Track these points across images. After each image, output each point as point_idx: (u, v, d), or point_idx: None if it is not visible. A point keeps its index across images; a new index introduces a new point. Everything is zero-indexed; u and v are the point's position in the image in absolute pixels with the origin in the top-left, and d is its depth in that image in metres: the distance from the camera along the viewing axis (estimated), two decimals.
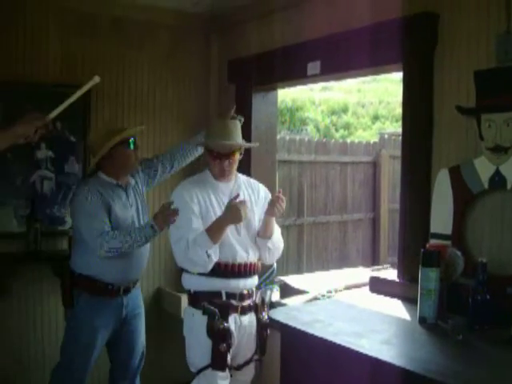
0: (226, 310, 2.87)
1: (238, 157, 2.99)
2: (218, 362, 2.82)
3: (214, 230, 2.82)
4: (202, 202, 2.92)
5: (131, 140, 3.24)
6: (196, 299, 2.91)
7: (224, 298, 2.90)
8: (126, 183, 3.26)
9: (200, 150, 3.45)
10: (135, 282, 3.33)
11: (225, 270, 2.89)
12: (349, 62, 3.26)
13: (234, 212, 2.81)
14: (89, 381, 3.48)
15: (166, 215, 2.93)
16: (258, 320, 3.02)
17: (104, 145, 3.13)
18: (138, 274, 3.33)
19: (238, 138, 2.99)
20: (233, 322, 2.90)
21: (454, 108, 2.64)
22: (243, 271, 2.95)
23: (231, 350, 2.88)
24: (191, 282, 2.94)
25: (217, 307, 2.84)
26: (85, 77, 3.86)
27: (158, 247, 4.33)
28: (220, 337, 2.81)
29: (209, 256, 2.80)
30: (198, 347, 2.87)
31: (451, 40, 2.73)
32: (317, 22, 3.47)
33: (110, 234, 3.02)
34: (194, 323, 2.89)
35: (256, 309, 3.02)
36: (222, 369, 2.85)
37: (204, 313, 2.85)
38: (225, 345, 2.82)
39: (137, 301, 3.38)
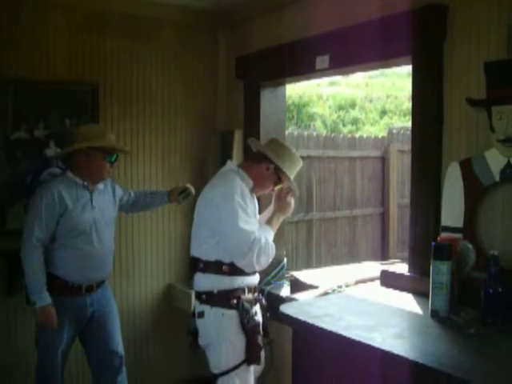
0: (252, 304, 2.94)
1: None
2: (255, 355, 2.88)
3: (275, 226, 3.01)
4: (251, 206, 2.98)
5: (114, 155, 3.29)
6: (223, 298, 2.89)
7: (246, 293, 2.94)
8: (93, 187, 3.29)
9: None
10: (99, 282, 3.34)
11: (238, 269, 2.91)
12: (358, 56, 3.24)
13: (286, 205, 3.08)
14: (73, 378, 3.57)
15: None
16: (260, 303, 3.07)
17: (81, 143, 3.17)
18: (101, 274, 3.34)
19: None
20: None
21: (464, 100, 2.63)
22: None
23: None
24: (213, 282, 2.91)
25: (247, 302, 2.90)
26: (93, 74, 3.92)
27: (168, 244, 4.35)
28: (256, 330, 2.88)
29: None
30: (229, 346, 2.87)
31: (460, 32, 2.71)
32: (325, 15, 3.46)
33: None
34: (223, 323, 2.88)
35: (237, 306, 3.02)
36: (259, 361, 2.91)
37: (239, 309, 2.87)
38: (259, 337, 2.89)
39: (104, 300, 3.39)
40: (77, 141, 3.20)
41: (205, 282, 2.94)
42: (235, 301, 2.89)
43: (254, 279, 3.01)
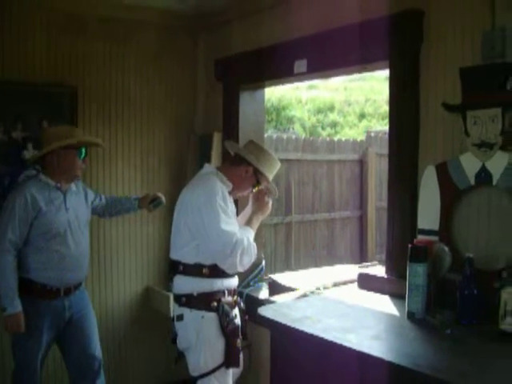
0: (232, 307, 2.95)
1: None
2: (235, 358, 2.88)
3: (255, 226, 3.03)
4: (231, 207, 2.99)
5: (83, 149, 3.25)
6: (203, 301, 2.89)
7: (226, 295, 2.94)
8: (67, 188, 3.26)
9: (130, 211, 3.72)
10: (76, 285, 3.31)
11: (218, 271, 2.91)
12: (335, 60, 3.27)
13: (264, 205, 3.08)
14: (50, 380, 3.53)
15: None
16: (239, 306, 3.07)
17: (52, 143, 3.13)
18: (78, 276, 3.31)
19: None
20: None
21: (440, 105, 2.66)
22: None
23: None
24: (193, 285, 2.90)
25: (227, 305, 2.91)
26: (72, 76, 3.89)
27: (147, 247, 4.34)
28: (235, 334, 2.89)
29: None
30: (208, 349, 2.87)
31: (437, 37, 2.75)
32: (303, 20, 3.48)
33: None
34: (203, 325, 2.87)
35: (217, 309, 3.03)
36: (238, 364, 2.92)
37: (219, 312, 2.87)
38: (239, 340, 2.89)
39: (82, 302, 3.37)
40: (45, 143, 3.17)
41: (185, 284, 2.93)
42: (215, 303, 2.89)
43: (234, 281, 3.01)
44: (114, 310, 4.19)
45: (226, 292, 2.95)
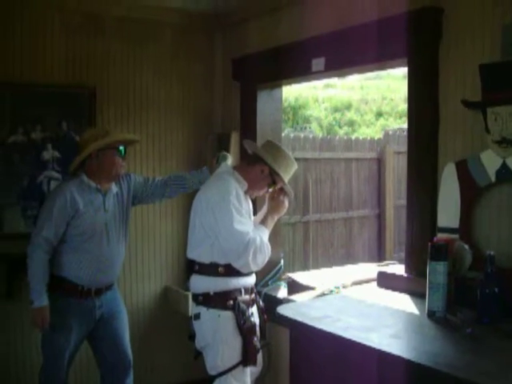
0: (249, 305, 2.96)
1: None
2: (252, 357, 2.89)
3: (270, 226, 3.04)
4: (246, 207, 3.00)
5: (121, 147, 3.26)
6: (219, 299, 2.91)
7: (243, 294, 2.95)
8: (107, 189, 3.26)
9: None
10: (108, 285, 3.33)
11: (233, 270, 2.92)
12: (353, 58, 3.26)
13: (280, 204, 3.09)
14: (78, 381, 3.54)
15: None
16: (258, 305, 3.08)
17: (90, 146, 3.14)
18: (110, 278, 3.33)
19: None
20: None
21: (459, 102, 2.64)
22: None
23: None
24: (209, 284, 2.92)
25: (244, 303, 2.92)
26: (90, 77, 3.92)
27: (166, 246, 4.36)
28: (252, 332, 2.90)
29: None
30: (225, 347, 2.88)
31: (456, 34, 2.72)
32: (320, 18, 3.47)
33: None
34: (220, 324, 2.89)
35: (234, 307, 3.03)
36: (255, 363, 2.93)
37: (236, 310, 2.88)
38: (256, 338, 2.90)
39: (113, 303, 3.38)
40: (83, 147, 3.18)
41: (201, 283, 2.95)
42: (231, 302, 2.90)
43: (250, 280, 3.02)
44: (132, 310, 4.18)
45: (243, 290, 2.96)
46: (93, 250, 3.18)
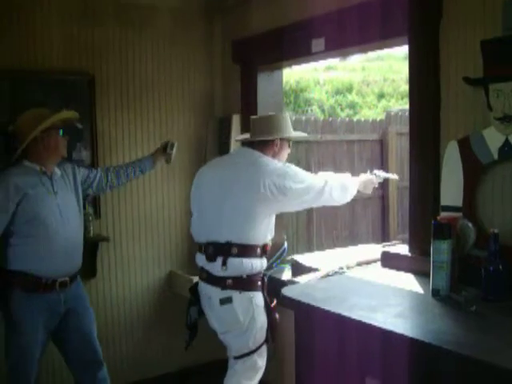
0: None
1: None
2: (275, 333, 3.04)
3: (352, 181, 3.48)
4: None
5: (61, 128, 3.19)
6: (252, 281, 2.97)
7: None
8: (52, 171, 3.17)
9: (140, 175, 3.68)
10: (72, 277, 3.20)
11: (265, 250, 3.04)
12: (353, 38, 3.23)
13: (369, 183, 3.64)
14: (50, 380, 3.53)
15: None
16: (266, 300, 3.08)
17: (34, 129, 3.03)
18: (71, 266, 3.19)
19: None
20: None
21: (461, 79, 2.62)
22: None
23: None
24: (248, 266, 2.95)
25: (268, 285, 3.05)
26: (89, 64, 3.90)
27: (169, 231, 4.36)
28: (275, 309, 3.05)
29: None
30: (259, 329, 2.97)
31: (456, 11, 2.69)
32: None
33: None
34: (252, 306, 2.96)
35: (262, 287, 3.09)
36: (275, 339, 3.08)
37: (264, 291, 3.00)
38: (277, 315, 3.07)
39: (79, 297, 3.28)
40: (25, 133, 3.05)
41: (239, 266, 2.94)
42: (259, 283, 2.98)
43: (265, 262, 3.12)
44: (137, 295, 4.23)
45: (263, 273, 3.06)
46: (46, 235, 3.03)
